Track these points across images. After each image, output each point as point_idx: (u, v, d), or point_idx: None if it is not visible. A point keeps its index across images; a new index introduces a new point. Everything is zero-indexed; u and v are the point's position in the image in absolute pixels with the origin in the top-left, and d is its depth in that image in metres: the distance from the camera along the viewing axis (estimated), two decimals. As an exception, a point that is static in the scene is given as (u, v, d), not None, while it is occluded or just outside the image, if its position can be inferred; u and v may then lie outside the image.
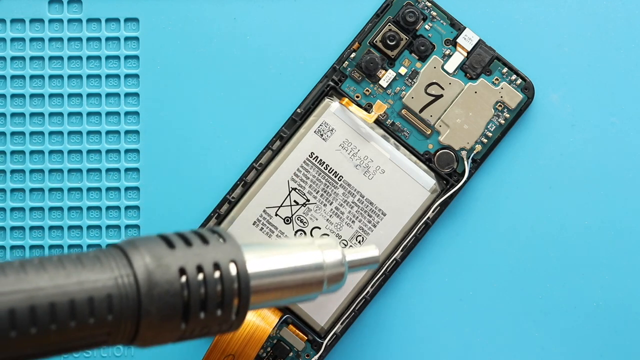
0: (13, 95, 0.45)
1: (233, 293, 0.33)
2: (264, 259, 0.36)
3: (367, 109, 0.45)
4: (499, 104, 0.44)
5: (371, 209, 0.44)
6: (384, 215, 0.44)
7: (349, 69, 0.45)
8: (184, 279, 0.32)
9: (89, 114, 0.45)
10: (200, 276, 0.32)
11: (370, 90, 0.45)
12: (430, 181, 0.44)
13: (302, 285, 0.37)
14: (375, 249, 0.40)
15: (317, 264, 0.38)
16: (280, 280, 0.36)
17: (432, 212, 0.44)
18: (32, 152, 0.45)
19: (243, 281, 0.33)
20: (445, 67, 0.44)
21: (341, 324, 0.44)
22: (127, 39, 0.45)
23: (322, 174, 0.44)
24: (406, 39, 0.44)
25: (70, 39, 0.45)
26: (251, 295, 0.34)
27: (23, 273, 0.30)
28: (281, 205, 0.44)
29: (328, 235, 0.44)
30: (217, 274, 0.33)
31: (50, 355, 0.30)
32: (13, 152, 0.45)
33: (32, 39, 0.45)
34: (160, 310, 0.31)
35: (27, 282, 0.29)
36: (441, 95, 0.44)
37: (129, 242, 0.33)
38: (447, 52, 0.44)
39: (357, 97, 0.45)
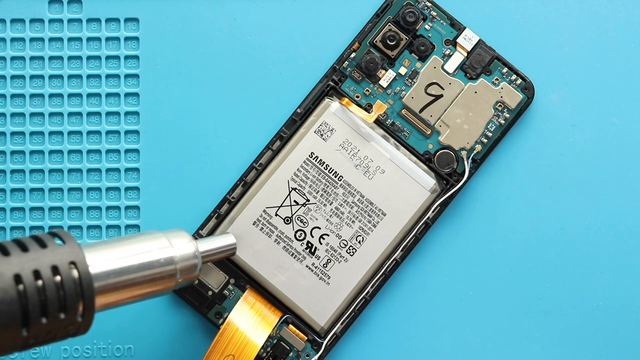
0: (13, 95, 0.45)
1: (76, 296, 0.33)
2: (109, 258, 0.35)
3: (367, 109, 0.45)
4: (499, 104, 0.44)
5: (371, 209, 0.44)
6: (384, 215, 0.44)
7: (349, 69, 0.45)
8: (20, 286, 0.32)
9: (89, 114, 0.45)
10: (39, 282, 0.32)
11: (370, 90, 0.45)
12: (430, 181, 0.44)
13: (154, 281, 0.37)
14: (230, 237, 0.40)
15: (167, 258, 0.37)
16: (129, 278, 0.36)
17: (432, 212, 0.44)
18: (32, 152, 0.45)
19: (85, 282, 0.33)
20: (445, 67, 0.44)
21: (341, 324, 0.44)
22: (127, 39, 0.45)
23: (322, 174, 0.44)
24: (406, 39, 0.44)
25: (70, 39, 0.45)
26: (96, 295, 0.34)
27: None
28: (281, 205, 0.44)
29: (328, 235, 0.44)
30: (57, 278, 0.32)
31: None
32: (13, 152, 0.45)
33: (32, 39, 0.45)
34: None
35: None
36: (441, 95, 0.44)
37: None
38: (447, 52, 0.44)
39: (357, 97, 0.45)
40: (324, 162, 0.44)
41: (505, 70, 0.44)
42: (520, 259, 0.45)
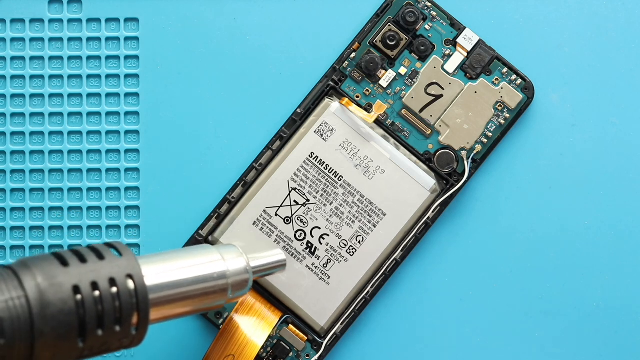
0: (13, 95, 0.45)
1: (131, 308, 0.33)
2: (164, 271, 0.36)
3: (367, 109, 0.45)
4: (499, 104, 0.44)
5: (371, 209, 0.44)
6: (384, 215, 0.44)
7: (349, 69, 0.45)
8: (79, 296, 0.32)
9: (89, 114, 0.45)
10: (96, 293, 0.32)
11: (370, 90, 0.45)
12: (430, 181, 0.44)
13: (206, 295, 0.37)
14: (280, 253, 0.41)
15: (220, 272, 0.37)
16: (182, 291, 0.36)
17: (432, 212, 0.44)
18: (32, 152, 0.45)
19: (141, 295, 0.33)
20: (445, 67, 0.44)
21: (341, 324, 0.44)
22: (127, 39, 0.45)
23: (322, 174, 0.44)
24: (406, 39, 0.44)
25: (70, 39, 0.45)
26: (151, 308, 0.34)
27: None
28: (281, 205, 0.44)
29: (328, 235, 0.44)
30: (113, 290, 0.33)
31: None
32: (13, 152, 0.45)
33: (32, 39, 0.45)
34: (54, 329, 0.31)
35: None
36: (441, 95, 0.44)
37: (20, 262, 0.32)
38: (447, 52, 0.44)
39: (357, 97, 0.45)
40: (324, 162, 0.44)
41: (505, 70, 0.44)
42: (520, 259, 0.45)
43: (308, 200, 0.44)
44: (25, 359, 0.31)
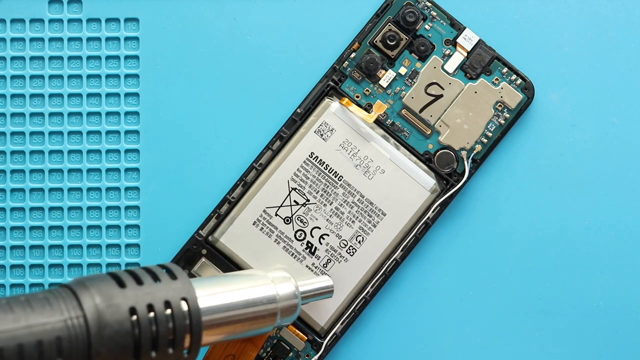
0: (13, 95, 0.45)
1: (185, 330, 0.33)
2: (215, 293, 0.36)
3: (367, 109, 0.45)
4: (499, 104, 0.44)
5: (371, 209, 0.44)
6: (384, 215, 0.44)
7: (349, 69, 0.45)
8: (134, 318, 0.32)
9: (89, 114, 0.45)
10: (151, 315, 0.32)
11: (370, 90, 0.45)
12: (430, 181, 0.44)
13: (255, 319, 0.37)
14: (328, 280, 0.41)
15: (269, 296, 0.38)
16: (233, 315, 0.36)
17: (432, 212, 0.44)
18: (32, 152, 0.45)
19: (194, 318, 0.34)
20: (445, 67, 0.44)
21: (341, 324, 0.44)
22: (127, 39, 0.45)
23: (322, 174, 0.44)
24: (406, 39, 0.44)
25: (70, 39, 0.45)
26: (203, 331, 0.34)
27: None
28: (281, 205, 0.44)
29: (328, 235, 0.44)
30: (168, 312, 0.33)
31: None
32: (13, 152, 0.45)
33: (32, 39, 0.45)
34: (110, 350, 0.31)
35: None
36: (441, 95, 0.44)
37: (78, 281, 0.32)
38: (447, 52, 0.44)
39: (357, 97, 0.45)
40: (324, 162, 0.44)
41: (505, 70, 0.44)
42: (520, 259, 0.45)
43: (308, 200, 0.44)
44: None
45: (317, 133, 0.44)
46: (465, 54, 0.44)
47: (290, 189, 0.44)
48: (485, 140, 0.44)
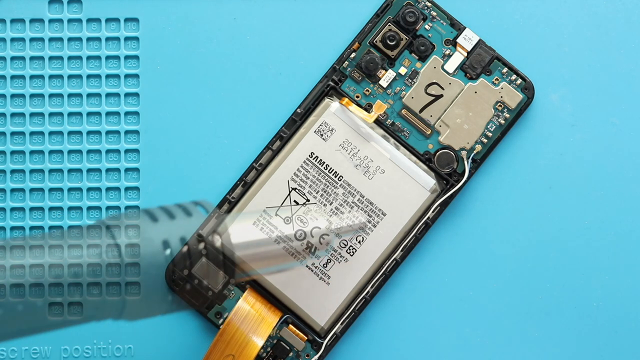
0: (13, 95, 0.45)
1: (218, 264, 0.34)
2: (247, 229, 0.37)
3: (367, 109, 0.45)
4: (499, 104, 0.44)
5: (371, 209, 0.44)
6: (384, 215, 0.44)
7: (349, 69, 0.45)
8: (168, 251, 0.33)
9: (89, 114, 0.45)
10: (185, 248, 0.33)
11: (370, 90, 0.45)
12: (430, 181, 0.44)
13: (284, 255, 0.38)
14: (361, 217, 0.41)
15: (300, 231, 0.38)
16: (264, 250, 0.37)
17: (432, 212, 0.44)
18: (32, 152, 0.45)
19: (227, 252, 0.34)
20: (445, 67, 0.44)
21: (341, 324, 0.44)
22: (127, 39, 0.45)
23: (322, 174, 0.44)
24: (406, 39, 0.44)
25: (70, 39, 0.45)
26: (236, 265, 0.35)
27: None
28: (281, 205, 0.44)
29: (328, 235, 0.44)
30: (201, 246, 0.34)
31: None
32: (13, 152, 0.45)
33: (32, 39, 0.45)
34: (144, 282, 0.32)
35: None
36: (441, 95, 0.44)
37: (112, 217, 0.34)
38: (447, 52, 0.44)
39: (357, 97, 0.45)
40: (324, 162, 0.44)
41: (505, 70, 0.44)
42: (520, 258, 0.45)
43: (308, 200, 0.44)
44: (118, 310, 0.32)
45: (317, 133, 0.44)
46: (465, 54, 0.44)
47: (290, 189, 0.44)
48: (485, 140, 0.44)
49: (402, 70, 0.44)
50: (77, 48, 0.45)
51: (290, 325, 0.44)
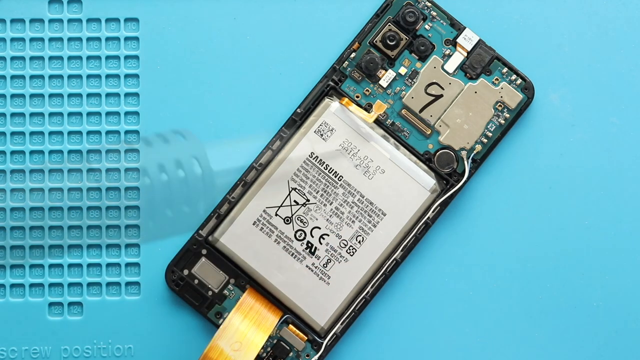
0: (13, 95, 0.45)
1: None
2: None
3: (367, 109, 0.45)
4: (499, 104, 0.44)
5: (371, 209, 0.44)
6: (384, 215, 0.44)
7: (349, 69, 0.45)
8: (164, 176, 0.33)
9: (89, 114, 0.45)
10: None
11: (370, 90, 0.45)
12: (430, 181, 0.44)
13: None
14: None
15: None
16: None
17: (432, 212, 0.44)
18: (32, 152, 0.45)
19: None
20: (445, 67, 0.44)
21: (341, 324, 0.44)
22: (127, 39, 0.45)
23: (322, 174, 0.44)
24: (406, 39, 0.44)
25: (70, 39, 0.45)
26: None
27: None
28: (281, 205, 0.44)
29: (328, 235, 0.44)
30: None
31: None
32: (13, 152, 0.45)
33: (32, 39, 0.45)
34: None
35: None
36: (441, 95, 0.44)
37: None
38: (447, 52, 0.44)
39: (357, 97, 0.45)
40: (324, 162, 0.44)
41: (505, 70, 0.44)
42: (520, 258, 0.45)
43: (308, 200, 0.44)
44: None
45: (317, 133, 0.44)
46: (465, 54, 0.44)
47: (290, 189, 0.44)
48: (485, 140, 0.44)
49: (402, 70, 0.44)
50: (77, 48, 0.45)
51: (290, 325, 0.44)
